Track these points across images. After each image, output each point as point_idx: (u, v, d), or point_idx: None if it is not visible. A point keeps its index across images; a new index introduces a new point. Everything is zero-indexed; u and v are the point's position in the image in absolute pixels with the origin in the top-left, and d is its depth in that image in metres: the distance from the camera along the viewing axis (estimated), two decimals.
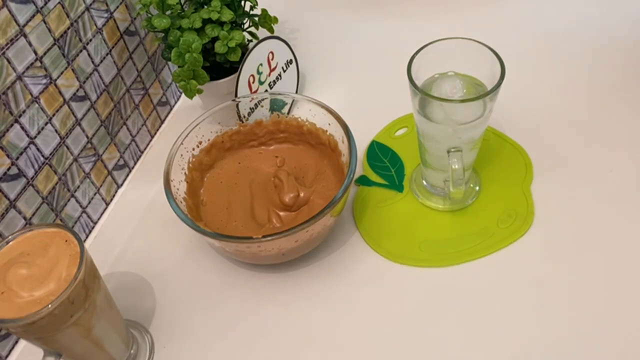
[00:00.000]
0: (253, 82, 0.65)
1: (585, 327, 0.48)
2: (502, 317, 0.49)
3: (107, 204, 0.65)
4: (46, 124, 0.54)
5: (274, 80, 0.68)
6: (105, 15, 0.60)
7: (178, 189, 0.56)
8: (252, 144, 0.63)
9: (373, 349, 0.49)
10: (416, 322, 0.50)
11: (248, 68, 0.63)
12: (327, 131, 0.59)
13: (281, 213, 0.57)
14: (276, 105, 0.69)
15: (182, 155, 0.58)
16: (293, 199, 0.57)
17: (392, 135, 0.66)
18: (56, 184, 0.57)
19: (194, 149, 0.60)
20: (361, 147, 0.65)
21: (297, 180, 0.58)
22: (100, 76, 0.61)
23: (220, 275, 0.57)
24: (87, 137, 0.60)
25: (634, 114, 0.62)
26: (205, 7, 0.61)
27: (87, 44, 0.58)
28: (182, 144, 0.58)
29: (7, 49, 0.49)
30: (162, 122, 0.74)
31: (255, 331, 0.52)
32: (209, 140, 0.61)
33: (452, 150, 0.51)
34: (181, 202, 0.55)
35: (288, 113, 0.63)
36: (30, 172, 0.53)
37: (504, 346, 0.48)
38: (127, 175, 0.68)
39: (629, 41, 0.70)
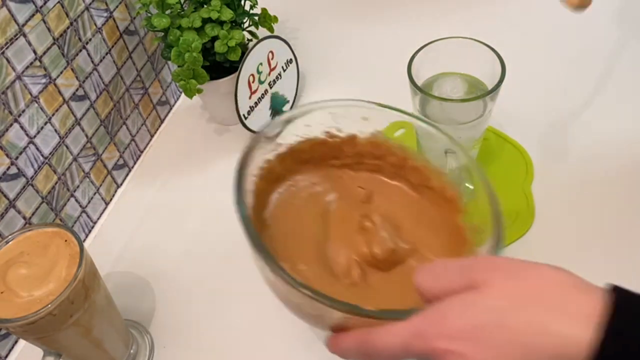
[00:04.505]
0: (253, 82, 0.64)
1: None
2: None
3: (107, 204, 0.65)
4: (46, 123, 0.54)
5: (274, 80, 0.68)
6: (105, 14, 0.60)
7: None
8: (333, 163, 0.49)
9: None
10: None
11: (248, 67, 0.63)
12: (443, 175, 0.45)
13: (366, 267, 0.43)
14: (277, 104, 0.69)
15: (258, 156, 0.44)
16: (387, 253, 0.42)
17: (392, 136, 0.65)
18: (56, 183, 0.57)
19: (273, 150, 0.46)
20: None
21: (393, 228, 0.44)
22: (99, 76, 0.61)
23: (220, 275, 0.57)
24: (86, 136, 0.60)
25: (635, 113, 0.62)
26: (205, 6, 0.61)
27: (87, 43, 0.58)
28: (260, 143, 0.44)
29: (7, 48, 0.49)
30: (162, 121, 0.74)
31: (256, 331, 0.52)
32: (289, 144, 0.46)
33: (449, 151, 0.50)
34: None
35: (288, 110, 0.62)
36: (29, 172, 0.53)
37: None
38: (127, 174, 0.68)
39: (630, 40, 0.69)
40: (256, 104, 0.66)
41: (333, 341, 0.37)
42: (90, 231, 0.63)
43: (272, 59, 0.66)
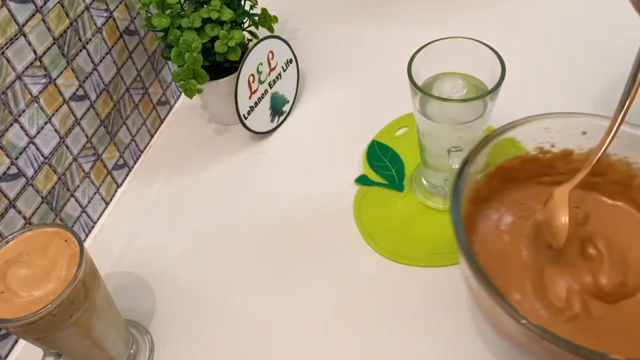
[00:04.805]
0: (253, 82, 0.64)
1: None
2: None
3: (107, 204, 0.65)
4: (46, 123, 0.54)
5: (274, 80, 0.68)
6: (105, 14, 0.60)
7: None
8: (543, 180, 0.46)
9: (373, 348, 0.49)
10: (416, 321, 0.50)
11: (248, 67, 0.63)
12: None
13: (589, 298, 0.39)
14: (277, 104, 0.69)
15: (468, 172, 0.41)
16: (616, 285, 0.38)
17: (393, 135, 0.66)
18: (56, 183, 0.57)
19: (483, 169, 0.43)
20: (361, 147, 0.65)
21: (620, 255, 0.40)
22: (99, 76, 0.61)
23: (220, 275, 0.57)
24: (86, 136, 0.60)
25: (637, 113, 0.62)
26: (205, 6, 0.61)
27: (87, 43, 0.58)
28: (475, 159, 0.41)
29: (7, 48, 0.49)
30: (162, 121, 0.74)
31: (255, 331, 0.52)
32: (497, 162, 0.44)
33: (453, 149, 0.50)
34: None
35: (289, 113, 0.62)
36: (29, 172, 0.53)
37: (505, 344, 0.47)
38: (127, 174, 0.68)
39: (632, 40, 0.69)
40: (256, 104, 0.66)
41: None
42: (90, 231, 0.63)
43: (272, 59, 0.66)
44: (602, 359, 0.30)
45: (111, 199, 0.66)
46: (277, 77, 0.68)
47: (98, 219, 0.64)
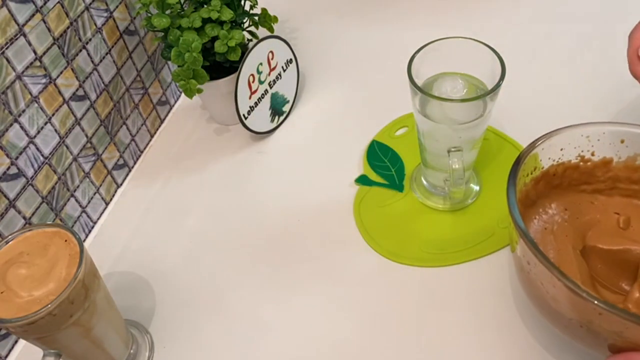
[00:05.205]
0: (253, 82, 0.64)
1: None
2: (502, 316, 0.49)
3: (107, 204, 0.65)
4: (46, 123, 0.54)
5: (274, 80, 0.68)
6: (105, 14, 0.60)
7: None
8: (584, 188, 0.48)
9: (373, 348, 0.49)
10: (416, 321, 0.50)
11: (248, 67, 0.63)
12: None
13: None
14: (277, 104, 0.69)
15: (519, 178, 0.43)
16: None
17: (393, 135, 0.66)
18: (56, 183, 0.57)
19: (531, 172, 0.45)
20: (361, 147, 0.65)
21: None
22: (99, 76, 0.61)
23: (220, 275, 0.57)
24: (86, 136, 0.60)
25: (637, 113, 0.62)
26: (205, 6, 0.61)
27: (87, 43, 0.58)
28: (524, 161, 0.43)
29: (7, 48, 0.49)
30: (162, 121, 0.74)
31: (255, 331, 0.52)
32: (543, 168, 0.46)
33: (453, 149, 0.50)
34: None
35: (289, 113, 0.62)
36: (29, 172, 0.53)
37: (505, 345, 0.48)
38: (127, 174, 0.68)
39: None
40: (256, 104, 0.66)
41: None
42: (90, 231, 0.63)
43: (272, 59, 0.66)
44: None
45: (111, 199, 0.66)
46: (277, 77, 0.68)
47: (98, 219, 0.64)
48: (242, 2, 0.65)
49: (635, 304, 0.40)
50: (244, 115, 0.64)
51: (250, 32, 0.67)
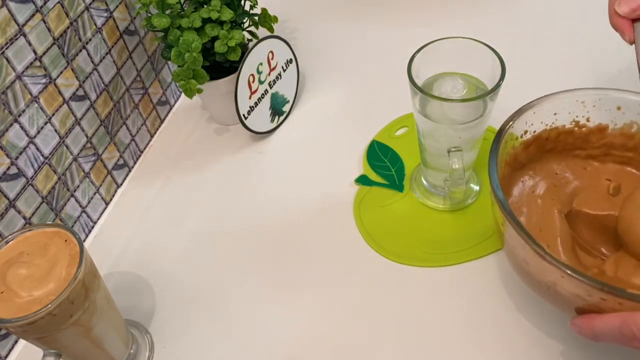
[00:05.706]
0: (253, 82, 0.64)
1: None
2: (503, 316, 0.49)
3: (107, 204, 0.65)
4: (46, 123, 0.54)
5: (274, 80, 0.68)
6: (105, 14, 0.60)
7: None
8: (577, 153, 0.48)
9: (373, 348, 0.49)
10: (416, 321, 0.50)
11: (248, 67, 0.63)
12: None
13: (620, 261, 0.41)
14: (277, 104, 0.69)
15: (506, 141, 0.44)
16: None
17: (393, 135, 0.66)
18: (56, 183, 0.57)
19: (521, 136, 0.46)
20: (361, 147, 0.65)
21: None
22: (99, 76, 0.61)
23: (220, 275, 0.57)
24: (86, 136, 0.60)
25: None
26: (205, 6, 0.61)
27: (87, 43, 0.58)
28: (512, 124, 0.44)
29: (7, 48, 0.49)
30: (162, 121, 0.74)
31: (255, 331, 0.52)
32: (534, 132, 0.46)
33: (453, 149, 0.50)
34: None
35: (289, 113, 0.62)
36: (29, 172, 0.53)
37: (505, 345, 0.48)
38: (127, 174, 0.68)
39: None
40: (256, 104, 0.66)
41: (586, 322, 0.37)
42: (90, 231, 0.63)
43: (272, 59, 0.66)
44: (621, 292, 0.34)
45: (111, 199, 0.66)
46: (277, 77, 0.68)
47: (98, 219, 0.64)
48: (242, 2, 0.65)
49: (611, 267, 0.41)
50: (244, 115, 0.64)
51: (250, 32, 0.67)
